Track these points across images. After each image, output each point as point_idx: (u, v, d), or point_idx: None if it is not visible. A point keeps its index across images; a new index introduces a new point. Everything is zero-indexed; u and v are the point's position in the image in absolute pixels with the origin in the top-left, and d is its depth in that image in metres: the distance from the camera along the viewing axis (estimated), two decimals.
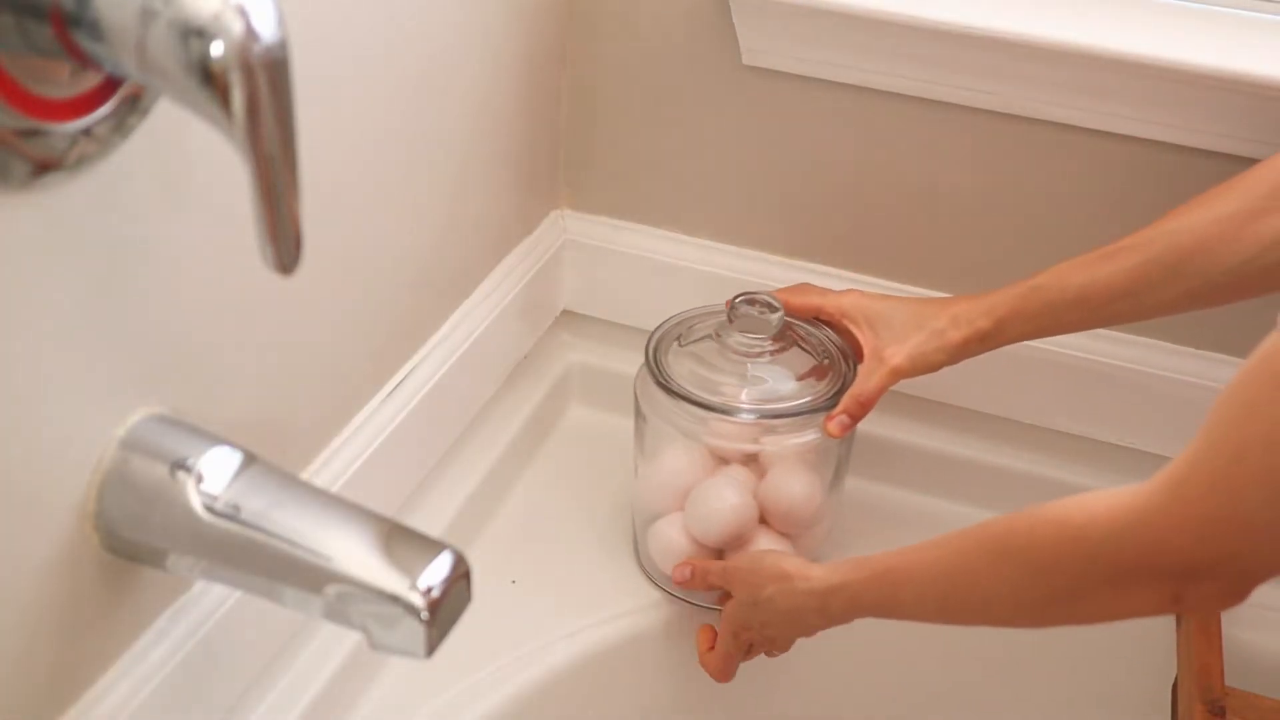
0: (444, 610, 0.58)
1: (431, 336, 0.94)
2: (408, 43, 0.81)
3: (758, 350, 0.95)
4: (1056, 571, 0.69)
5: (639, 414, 0.97)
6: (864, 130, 1.01)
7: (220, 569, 0.61)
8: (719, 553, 0.97)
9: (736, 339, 0.95)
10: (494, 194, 1.00)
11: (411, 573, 0.57)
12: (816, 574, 0.84)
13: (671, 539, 0.97)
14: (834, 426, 0.92)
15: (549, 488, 1.09)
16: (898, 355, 0.91)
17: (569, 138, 1.10)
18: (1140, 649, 1.00)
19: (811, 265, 1.07)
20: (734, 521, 0.94)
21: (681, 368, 0.94)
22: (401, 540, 0.59)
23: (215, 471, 0.60)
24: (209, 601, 0.70)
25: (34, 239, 0.53)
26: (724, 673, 0.94)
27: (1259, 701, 0.87)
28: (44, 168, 0.52)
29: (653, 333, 0.97)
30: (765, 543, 0.96)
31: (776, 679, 1.06)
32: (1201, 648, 0.91)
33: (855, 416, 0.92)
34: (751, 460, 0.97)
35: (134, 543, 0.61)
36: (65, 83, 0.50)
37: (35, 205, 0.53)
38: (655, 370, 0.94)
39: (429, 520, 0.94)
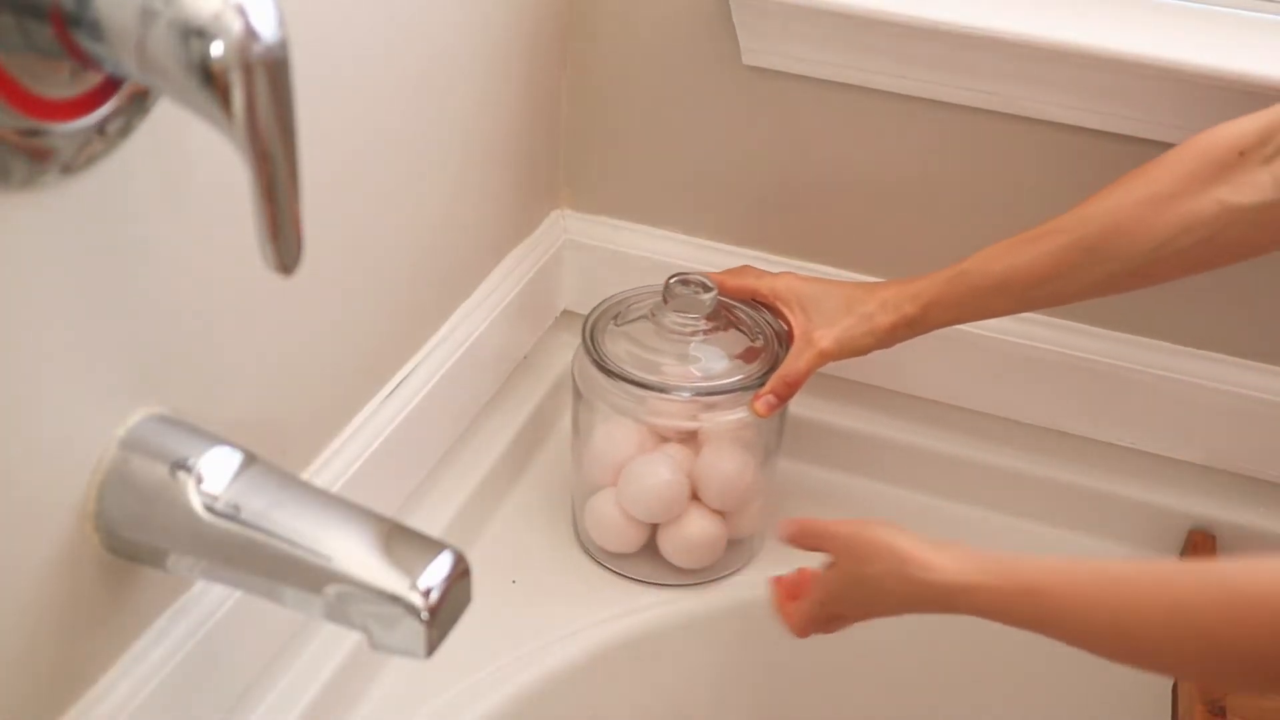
0: (444, 610, 0.58)
1: (431, 336, 0.94)
2: (408, 43, 0.81)
3: (692, 330, 0.97)
4: None
5: (576, 393, 0.99)
6: (864, 130, 1.01)
7: (220, 569, 0.61)
8: (652, 528, 1.00)
9: (671, 319, 0.97)
10: (494, 194, 1.00)
11: (411, 573, 0.57)
12: (941, 564, 0.75)
13: (606, 514, 0.99)
14: (760, 406, 0.93)
15: (549, 487, 1.09)
16: (826, 338, 0.92)
17: (569, 138, 1.10)
18: None
19: (811, 265, 1.07)
20: (665, 497, 0.97)
21: (618, 347, 0.96)
22: (401, 540, 0.59)
23: (215, 471, 0.60)
24: (209, 601, 0.70)
25: (34, 239, 0.53)
26: (802, 631, 0.87)
27: (1259, 701, 0.87)
28: (45, 167, 0.52)
29: (590, 313, 0.99)
30: (697, 518, 0.98)
31: (777, 679, 1.06)
32: None
33: (782, 396, 0.93)
34: (688, 438, 1.00)
35: (134, 543, 0.61)
36: (66, 83, 0.50)
37: (36, 205, 0.53)
38: (591, 349, 0.96)
39: (429, 520, 0.94)
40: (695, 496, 0.99)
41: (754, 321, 0.99)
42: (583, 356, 0.97)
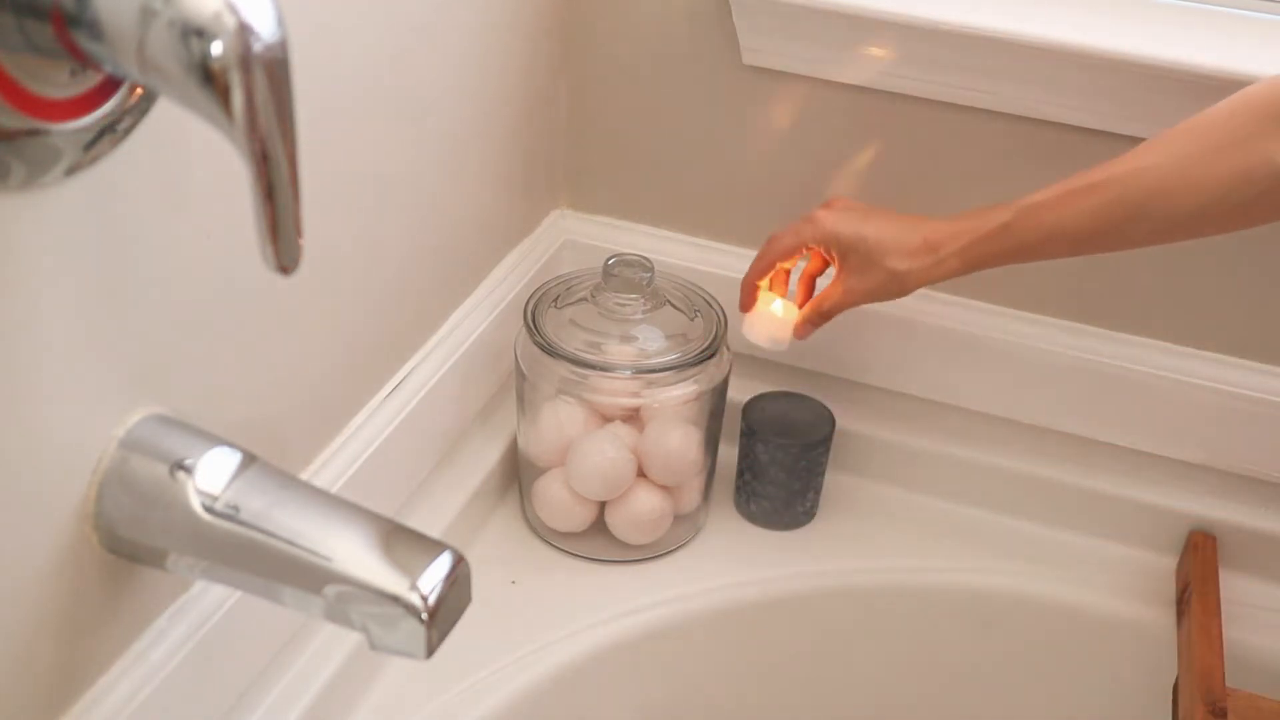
0: (444, 610, 0.58)
1: (432, 336, 0.94)
2: (408, 43, 0.81)
3: (632, 308, 0.99)
4: None
5: (520, 374, 1.00)
6: (863, 130, 1.01)
7: (220, 569, 0.60)
8: (600, 506, 1.01)
9: (611, 299, 0.99)
10: (494, 194, 1.00)
11: (411, 573, 0.57)
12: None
13: (554, 494, 1.01)
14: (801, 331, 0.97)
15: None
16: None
17: (569, 138, 1.10)
18: (1140, 649, 1.00)
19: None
20: (613, 475, 0.98)
21: (559, 328, 0.98)
22: (401, 540, 0.59)
23: (215, 471, 0.60)
24: (209, 601, 0.70)
25: (34, 239, 0.53)
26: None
27: (1260, 702, 0.87)
28: (45, 167, 0.52)
29: (530, 296, 1.01)
30: (644, 495, 1.00)
31: (776, 682, 1.06)
32: (1202, 648, 0.91)
33: (815, 323, 0.96)
34: (632, 416, 1.01)
35: (134, 543, 0.61)
36: (65, 82, 0.50)
37: (36, 205, 0.53)
38: (533, 330, 0.97)
39: (429, 520, 0.94)
40: (641, 474, 1.00)
41: (686, 295, 1.02)
42: (525, 338, 0.99)
